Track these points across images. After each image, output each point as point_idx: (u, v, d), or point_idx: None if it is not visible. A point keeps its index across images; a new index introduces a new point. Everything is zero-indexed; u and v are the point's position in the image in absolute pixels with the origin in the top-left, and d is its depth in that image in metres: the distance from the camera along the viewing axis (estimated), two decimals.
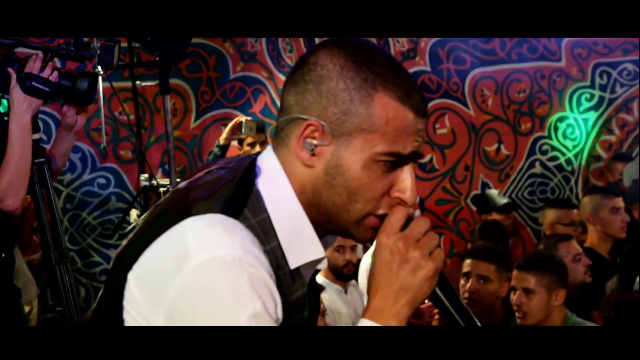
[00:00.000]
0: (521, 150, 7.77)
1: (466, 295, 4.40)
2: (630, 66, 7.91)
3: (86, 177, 6.94)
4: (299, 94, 1.62)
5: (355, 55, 1.61)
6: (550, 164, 7.80)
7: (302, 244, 1.63)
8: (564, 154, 7.90)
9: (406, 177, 1.63)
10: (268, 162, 1.65)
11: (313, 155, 1.60)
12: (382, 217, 1.62)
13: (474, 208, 7.62)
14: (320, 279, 4.95)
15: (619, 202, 5.68)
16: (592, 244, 5.65)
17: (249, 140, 6.18)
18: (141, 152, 6.24)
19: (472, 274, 4.46)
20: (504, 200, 6.78)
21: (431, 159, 7.58)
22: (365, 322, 1.58)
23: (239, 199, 1.58)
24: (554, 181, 7.86)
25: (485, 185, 7.68)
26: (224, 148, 6.05)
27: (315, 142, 1.59)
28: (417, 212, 7.40)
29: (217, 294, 1.48)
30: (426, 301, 1.68)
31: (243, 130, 5.93)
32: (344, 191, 1.59)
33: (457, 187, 7.41)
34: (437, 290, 1.62)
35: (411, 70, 7.46)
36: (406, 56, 7.48)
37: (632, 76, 7.91)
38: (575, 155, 7.92)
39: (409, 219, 1.61)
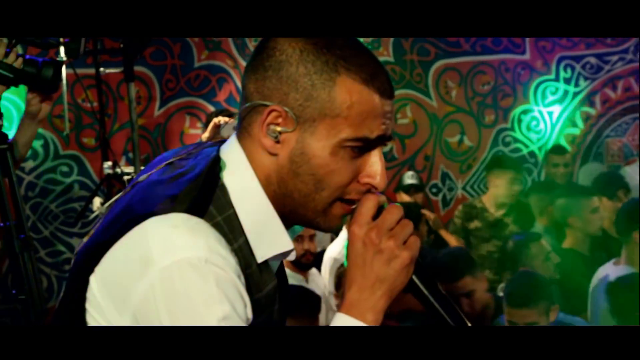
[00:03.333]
0: (484, 142, 7.84)
1: None
2: (593, 60, 8.01)
3: (48, 164, 6.90)
4: (258, 81, 1.56)
5: (315, 38, 1.56)
6: (513, 156, 7.83)
7: (269, 237, 1.58)
8: (527, 146, 7.98)
9: (375, 162, 1.58)
10: (232, 153, 1.60)
11: (277, 142, 1.55)
12: (350, 203, 1.58)
13: (433, 197, 7.70)
14: None
15: (595, 201, 5.76)
16: (572, 244, 5.76)
17: None
18: (104, 140, 6.22)
19: None
20: (409, 181, 6.78)
21: (391, 149, 7.62)
22: (341, 316, 1.53)
23: (203, 195, 1.52)
24: None
25: (445, 176, 7.76)
26: None
27: (279, 128, 1.54)
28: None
29: (184, 298, 1.43)
30: None
31: (221, 132, 5.91)
32: (310, 179, 1.54)
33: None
34: (415, 279, 1.56)
35: None
36: (370, 47, 7.47)
37: (594, 69, 8.01)
38: (539, 148, 8.00)
39: (381, 208, 1.57)
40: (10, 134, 3.79)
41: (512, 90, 7.91)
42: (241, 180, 1.58)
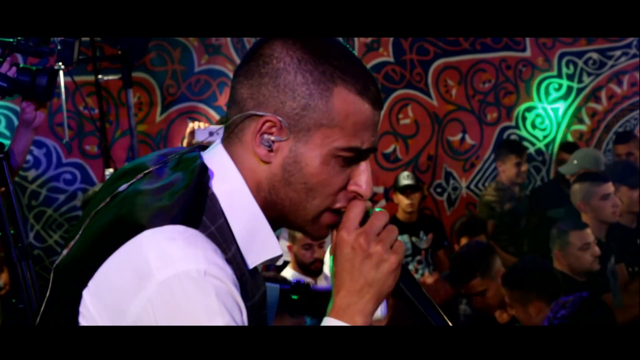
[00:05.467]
0: (487, 140, 7.82)
1: None
2: (595, 55, 7.98)
3: (51, 172, 6.92)
4: (253, 87, 1.57)
5: (312, 47, 1.58)
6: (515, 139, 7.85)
7: (259, 244, 1.60)
8: (533, 144, 7.95)
9: (363, 171, 1.60)
10: (220, 161, 1.61)
11: (270, 151, 1.56)
12: (339, 212, 1.61)
13: (438, 198, 7.72)
14: (290, 272, 5.04)
15: (609, 187, 5.76)
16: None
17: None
18: (105, 147, 6.27)
19: None
20: (405, 182, 6.81)
21: (394, 149, 7.62)
22: (330, 320, 1.56)
23: (196, 206, 1.53)
24: None
25: (449, 175, 7.76)
26: None
27: (272, 137, 1.56)
28: (383, 202, 7.49)
29: (185, 311, 1.44)
30: None
31: (196, 136, 5.85)
32: (302, 188, 1.56)
33: (420, 177, 7.43)
34: (400, 283, 1.61)
35: (375, 61, 7.52)
36: (370, 47, 7.54)
37: (597, 65, 7.99)
38: (547, 145, 7.97)
39: (367, 214, 1.60)
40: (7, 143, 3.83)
41: (514, 87, 7.89)
42: (231, 188, 1.58)
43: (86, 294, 1.51)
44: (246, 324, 1.50)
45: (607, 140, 8.05)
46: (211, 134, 6.66)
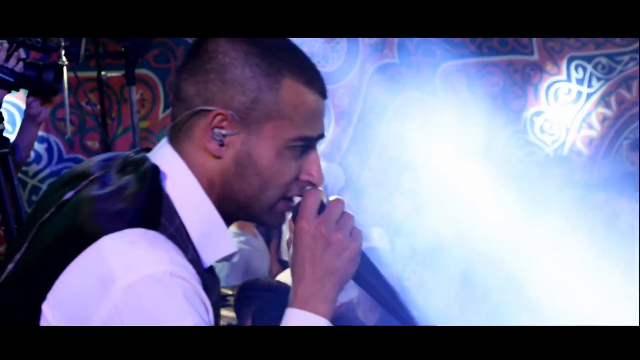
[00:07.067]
0: (495, 144, 7.69)
1: None
2: (604, 60, 8.03)
3: (53, 168, 6.95)
4: (200, 84, 1.60)
5: (256, 41, 1.60)
6: (527, 160, 7.88)
7: (214, 242, 1.63)
8: (542, 149, 8.02)
9: (314, 159, 1.64)
10: (170, 160, 1.62)
11: (222, 145, 1.59)
12: (291, 200, 1.65)
13: None
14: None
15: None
16: None
17: None
18: (106, 144, 6.34)
19: None
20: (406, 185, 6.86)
21: (401, 153, 7.61)
22: (294, 311, 1.58)
23: (152, 207, 1.54)
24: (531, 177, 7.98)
25: None
26: None
27: (223, 131, 1.58)
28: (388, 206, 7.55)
29: (153, 314, 1.44)
30: None
31: None
32: (256, 180, 1.59)
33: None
34: (360, 269, 1.64)
35: (380, 63, 7.61)
36: (375, 48, 7.62)
37: (607, 70, 8.04)
38: (555, 151, 8.03)
39: (322, 202, 1.64)
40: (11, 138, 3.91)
41: (522, 91, 7.96)
42: (183, 188, 1.60)
43: (45, 307, 1.49)
44: (212, 322, 1.52)
45: (615, 147, 8.11)
46: None
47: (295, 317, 1.59)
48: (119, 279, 1.44)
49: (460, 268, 5.96)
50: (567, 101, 8.04)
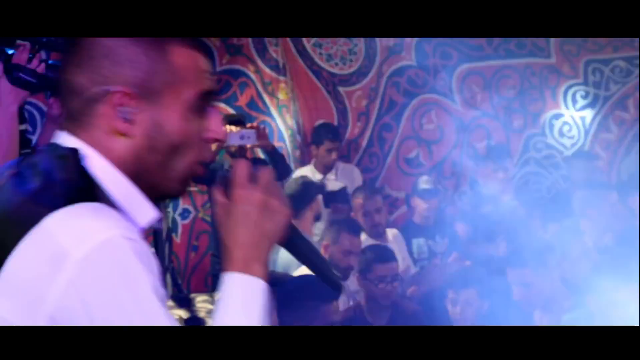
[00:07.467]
0: (513, 147, 7.87)
1: None
2: (622, 63, 8.07)
3: None
4: (90, 72, 1.60)
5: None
6: (545, 162, 7.97)
7: (138, 210, 1.63)
8: (561, 153, 8.07)
9: (212, 116, 1.68)
10: (76, 146, 1.61)
11: (130, 123, 1.60)
12: (203, 164, 1.69)
13: None
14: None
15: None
16: None
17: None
18: None
19: None
20: (424, 186, 6.87)
21: (417, 154, 7.75)
22: (236, 275, 1.62)
23: (85, 182, 1.56)
24: (550, 179, 8.05)
25: (473, 182, 7.84)
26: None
27: (129, 109, 1.59)
28: (404, 208, 7.57)
29: (115, 277, 1.45)
30: None
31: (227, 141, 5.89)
32: (168, 149, 1.62)
33: (444, 183, 7.54)
34: (291, 236, 1.74)
35: (397, 65, 7.65)
36: (392, 51, 7.66)
37: (624, 73, 8.07)
38: (574, 153, 7.99)
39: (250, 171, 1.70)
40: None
41: (540, 94, 7.99)
42: (98, 165, 1.60)
43: None
44: (160, 282, 1.53)
45: (634, 150, 8.11)
46: (242, 137, 6.60)
47: (237, 280, 1.63)
48: (71, 252, 1.44)
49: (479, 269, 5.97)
50: (585, 104, 8.06)
